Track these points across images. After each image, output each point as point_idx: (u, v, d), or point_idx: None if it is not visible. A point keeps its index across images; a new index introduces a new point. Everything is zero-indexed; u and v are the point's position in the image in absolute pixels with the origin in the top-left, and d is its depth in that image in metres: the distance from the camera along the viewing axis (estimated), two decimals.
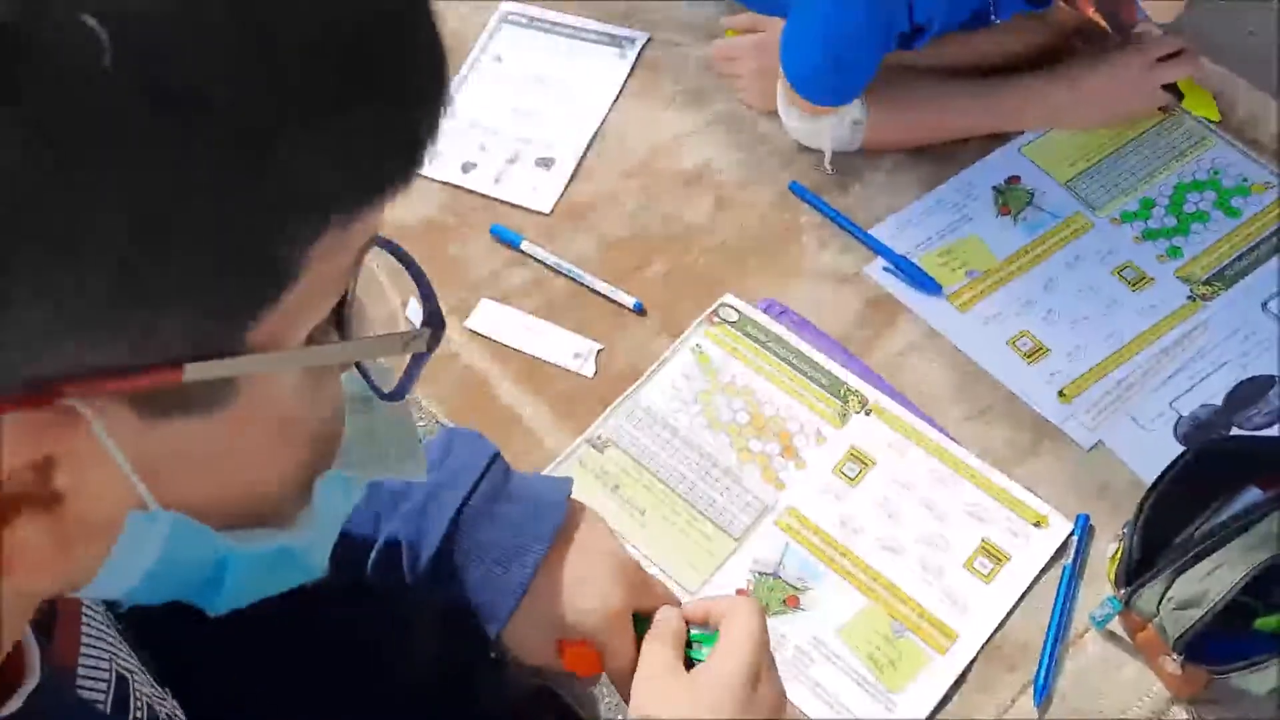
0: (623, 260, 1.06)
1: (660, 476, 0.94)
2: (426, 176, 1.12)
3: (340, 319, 0.39)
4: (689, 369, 0.99)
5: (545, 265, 1.06)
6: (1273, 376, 0.97)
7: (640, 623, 0.68)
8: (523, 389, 0.99)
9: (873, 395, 0.97)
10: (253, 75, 0.29)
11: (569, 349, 1.01)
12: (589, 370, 1.00)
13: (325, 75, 0.31)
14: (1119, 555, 0.85)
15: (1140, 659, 0.85)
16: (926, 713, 0.83)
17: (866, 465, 0.94)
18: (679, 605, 0.69)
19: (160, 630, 0.53)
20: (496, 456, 0.68)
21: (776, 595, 0.88)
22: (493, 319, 1.03)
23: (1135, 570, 0.83)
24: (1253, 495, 0.84)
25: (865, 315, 1.02)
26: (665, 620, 0.66)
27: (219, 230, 0.30)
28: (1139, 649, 0.85)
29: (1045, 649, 0.85)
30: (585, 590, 0.66)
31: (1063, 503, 0.92)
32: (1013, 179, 1.10)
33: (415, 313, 0.43)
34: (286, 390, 0.37)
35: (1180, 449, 0.91)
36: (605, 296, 1.03)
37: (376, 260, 0.41)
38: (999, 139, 1.12)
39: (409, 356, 0.42)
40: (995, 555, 0.90)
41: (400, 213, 1.10)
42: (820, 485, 0.93)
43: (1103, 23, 0.97)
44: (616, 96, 1.17)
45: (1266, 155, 1.11)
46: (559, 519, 0.67)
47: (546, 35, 1.22)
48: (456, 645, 0.74)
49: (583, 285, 1.04)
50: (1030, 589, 0.88)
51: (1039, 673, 0.84)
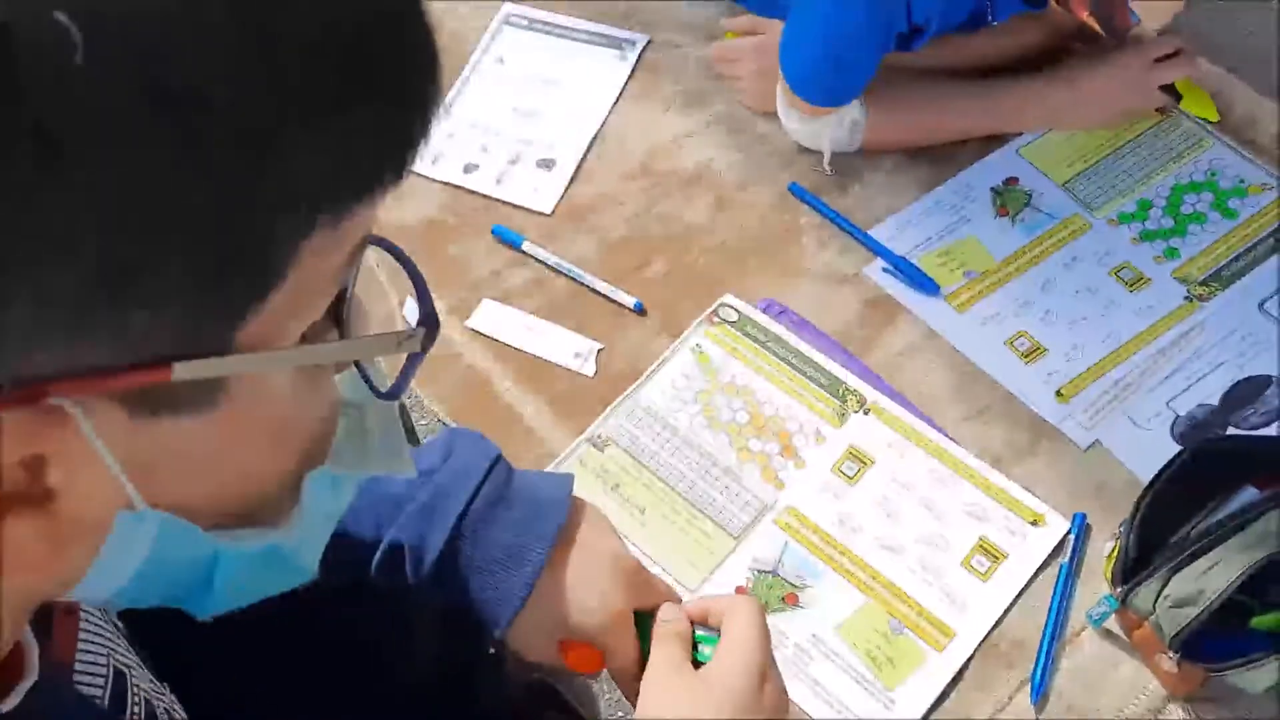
0: (623, 260, 1.07)
1: (660, 475, 0.94)
2: (428, 177, 1.12)
3: (339, 318, 0.39)
4: (689, 369, 1.00)
5: (546, 265, 1.06)
6: (1269, 376, 0.98)
7: (641, 620, 0.68)
8: (524, 388, 0.99)
9: (872, 395, 0.98)
10: (252, 76, 0.29)
11: (570, 349, 1.01)
12: (589, 370, 1.00)
13: (325, 75, 0.31)
14: (1116, 554, 0.85)
15: (1137, 657, 0.85)
16: (924, 710, 0.84)
17: (865, 464, 0.94)
18: (680, 602, 0.69)
19: (159, 629, 0.52)
20: (499, 458, 0.68)
21: (775, 593, 0.89)
22: (494, 319, 1.03)
23: (1132, 569, 0.83)
24: (1249, 494, 0.84)
25: (864, 315, 1.03)
26: (671, 620, 0.66)
27: (214, 230, 0.30)
28: (1135, 647, 0.85)
29: (1042, 647, 0.86)
30: (588, 591, 0.66)
31: (1060, 502, 0.92)
32: (1011, 180, 1.11)
33: (414, 310, 0.43)
34: (279, 390, 0.37)
35: (1177, 448, 0.91)
36: (606, 296, 1.04)
37: (377, 260, 0.42)
38: (997, 140, 1.13)
39: (404, 356, 0.42)
40: (993, 554, 0.90)
41: (402, 213, 1.11)
42: (819, 484, 0.94)
43: (1096, 26, 0.97)
44: (617, 98, 1.18)
45: (1264, 156, 1.11)
46: (561, 519, 0.67)
47: (547, 37, 1.23)
48: (457, 643, 0.74)
49: (583, 285, 1.05)
50: (1027, 587, 0.89)
51: (1036, 671, 0.85)
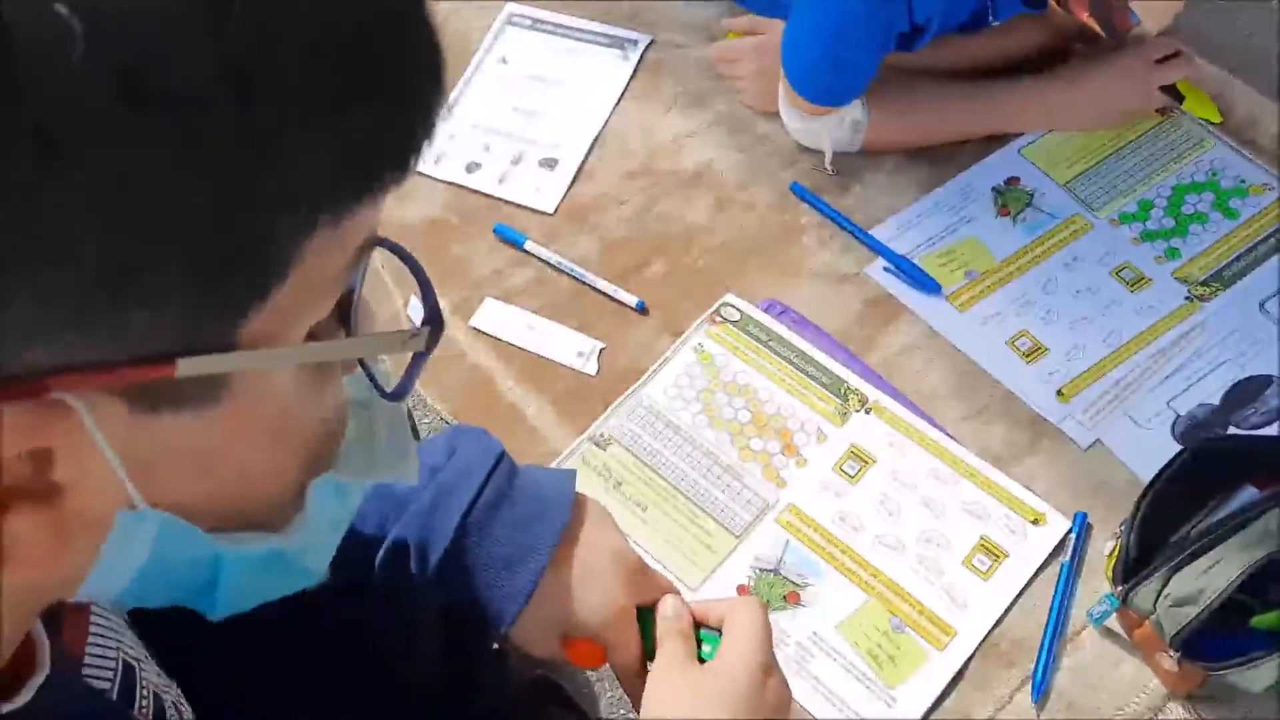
0: (625, 260, 1.07)
1: (662, 474, 0.95)
2: (431, 176, 1.13)
3: (346, 319, 0.39)
4: (691, 367, 1.00)
5: (548, 265, 1.06)
6: (1270, 376, 0.98)
7: (643, 616, 0.68)
8: (526, 387, 1.00)
9: (873, 394, 0.98)
10: (252, 75, 0.29)
11: (572, 347, 1.02)
12: (592, 369, 1.00)
13: (325, 75, 0.30)
14: (1116, 553, 0.85)
15: (1137, 656, 0.86)
16: (925, 708, 0.84)
17: (866, 463, 0.95)
18: (680, 595, 0.69)
19: (165, 626, 0.52)
20: (502, 455, 0.68)
21: (777, 591, 0.89)
22: (497, 318, 1.03)
23: (1132, 568, 0.83)
24: (1249, 494, 0.85)
25: (865, 315, 1.03)
26: (674, 618, 0.66)
27: (214, 230, 0.30)
28: (1136, 646, 0.85)
29: (1043, 645, 0.86)
30: (591, 589, 0.66)
31: (1061, 501, 0.92)
32: (1012, 180, 1.11)
33: (418, 309, 0.43)
34: (282, 389, 0.37)
35: (1178, 448, 0.91)
36: (608, 296, 1.04)
37: (382, 260, 0.42)
38: (998, 140, 1.13)
39: (409, 356, 0.41)
40: (994, 553, 0.90)
41: (405, 212, 1.12)
42: (821, 483, 0.94)
43: (1097, 27, 0.97)
44: (619, 98, 1.18)
45: (1265, 157, 1.11)
46: (565, 516, 0.67)
47: (550, 37, 1.23)
48: (459, 640, 0.75)
49: (585, 284, 1.05)
50: (1028, 586, 0.89)
51: (1036, 669, 0.85)
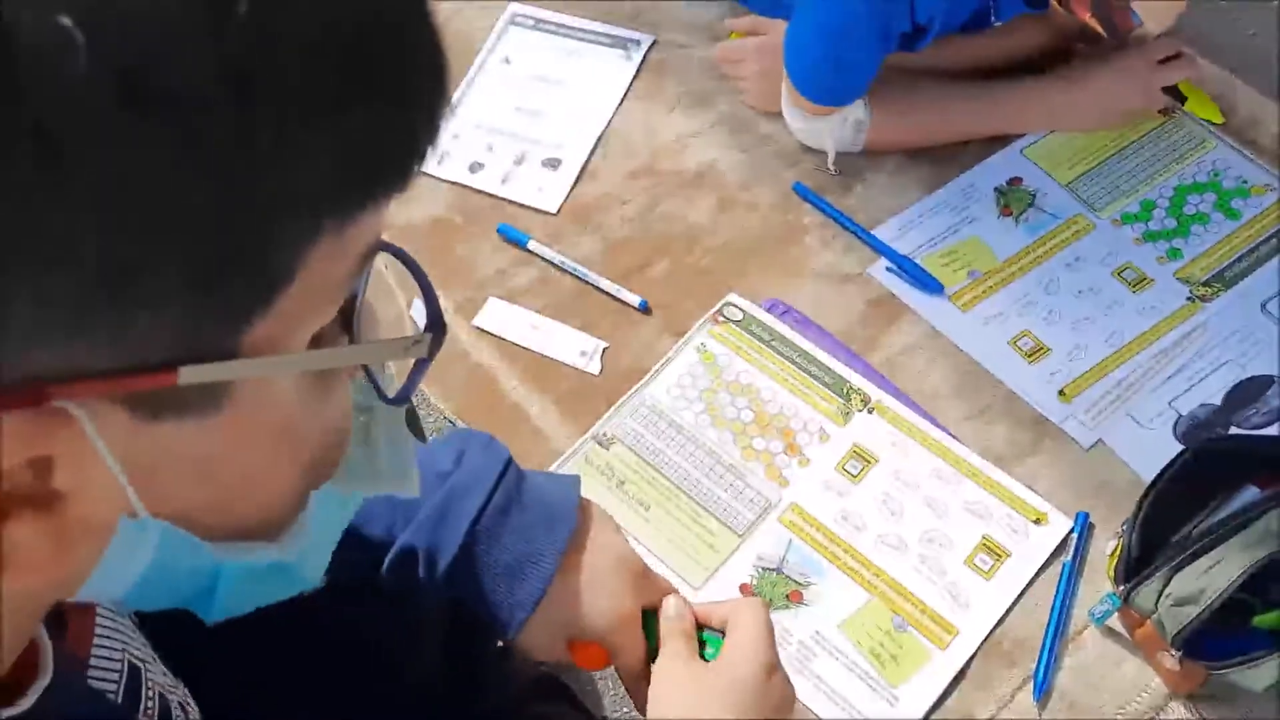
0: (628, 260, 1.07)
1: (665, 473, 0.95)
2: (434, 176, 1.13)
3: (349, 324, 0.39)
4: (694, 367, 1.00)
5: (552, 264, 1.07)
6: (1271, 377, 0.98)
7: (646, 618, 0.69)
8: (530, 386, 1.00)
9: (875, 394, 0.98)
10: (252, 76, 0.29)
11: (575, 347, 1.02)
12: (595, 368, 1.01)
13: (325, 76, 0.30)
14: (1118, 552, 0.86)
15: (1139, 655, 0.86)
16: (927, 707, 0.84)
17: (869, 463, 0.95)
18: (680, 595, 0.69)
19: (171, 627, 0.52)
20: (510, 462, 0.69)
21: (780, 590, 0.89)
22: (500, 317, 1.04)
23: (1134, 567, 0.83)
24: (1251, 493, 0.85)
25: (868, 315, 1.03)
26: (677, 617, 0.67)
27: (213, 233, 0.29)
28: (1138, 645, 0.86)
29: (1045, 645, 0.86)
30: (598, 594, 0.66)
31: (1063, 500, 0.93)
32: (1014, 180, 1.11)
33: (421, 311, 0.43)
34: (285, 396, 0.37)
35: (1179, 448, 0.91)
36: (611, 295, 1.05)
37: (385, 263, 0.42)
38: (1001, 141, 1.13)
39: (412, 362, 0.41)
40: (996, 552, 0.91)
41: (409, 212, 1.12)
42: (823, 482, 0.94)
43: (1099, 28, 0.97)
44: (622, 98, 1.18)
45: (1266, 157, 1.11)
46: (572, 524, 0.67)
47: (553, 37, 1.23)
48: (464, 639, 0.75)
49: (589, 284, 1.05)
50: (1030, 586, 0.89)
51: (1038, 668, 0.85)
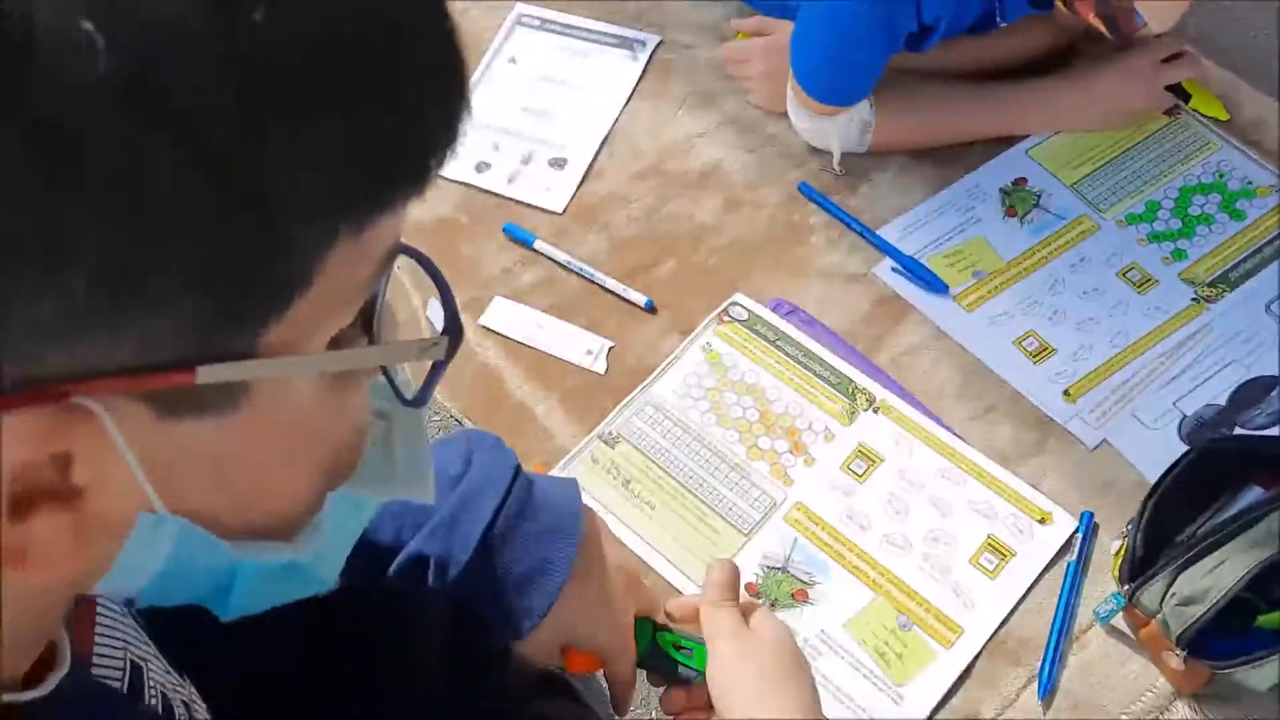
0: (634, 259, 1.07)
1: (670, 472, 0.95)
2: (441, 176, 1.12)
3: (369, 326, 0.39)
4: (699, 366, 1.00)
5: (558, 264, 1.07)
6: (1275, 377, 0.98)
7: (638, 624, 0.71)
8: (535, 385, 1.00)
9: (880, 393, 0.98)
10: (256, 78, 0.29)
11: (581, 346, 1.02)
12: (600, 367, 1.01)
13: (327, 79, 0.30)
14: (1123, 552, 0.86)
15: (1143, 655, 0.86)
16: (932, 706, 0.85)
17: (874, 462, 0.95)
18: (683, 597, 0.71)
19: (178, 624, 0.52)
20: (518, 469, 0.69)
21: (785, 589, 0.89)
22: (506, 316, 1.04)
23: (1139, 567, 0.84)
24: (1255, 494, 0.85)
25: (873, 314, 1.04)
26: (720, 583, 0.69)
27: (220, 235, 0.30)
28: (1142, 645, 0.86)
29: (1049, 644, 0.86)
30: (602, 604, 0.68)
31: (1067, 500, 0.93)
32: (1019, 181, 1.11)
33: (436, 311, 0.43)
34: (303, 396, 0.37)
35: (1184, 448, 0.92)
36: (617, 295, 1.05)
37: (399, 263, 0.42)
38: (1006, 141, 1.13)
39: (428, 364, 0.41)
40: (1000, 551, 0.91)
41: (415, 211, 1.10)
42: (828, 481, 0.94)
43: (1102, 28, 0.97)
44: (628, 98, 1.18)
45: (1271, 158, 1.12)
46: (579, 532, 0.68)
47: (559, 37, 1.24)
48: (469, 637, 0.75)
49: (594, 284, 1.06)
50: (1035, 585, 0.89)
51: (1043, 667, 0.85)
